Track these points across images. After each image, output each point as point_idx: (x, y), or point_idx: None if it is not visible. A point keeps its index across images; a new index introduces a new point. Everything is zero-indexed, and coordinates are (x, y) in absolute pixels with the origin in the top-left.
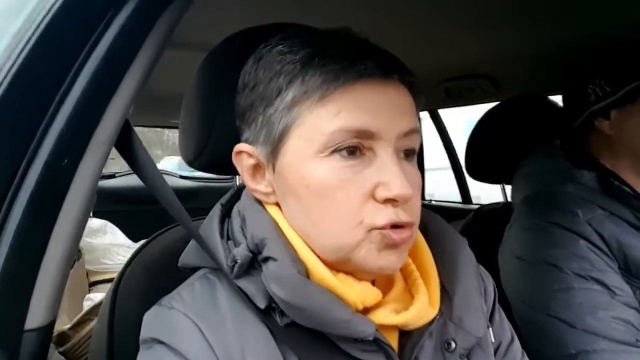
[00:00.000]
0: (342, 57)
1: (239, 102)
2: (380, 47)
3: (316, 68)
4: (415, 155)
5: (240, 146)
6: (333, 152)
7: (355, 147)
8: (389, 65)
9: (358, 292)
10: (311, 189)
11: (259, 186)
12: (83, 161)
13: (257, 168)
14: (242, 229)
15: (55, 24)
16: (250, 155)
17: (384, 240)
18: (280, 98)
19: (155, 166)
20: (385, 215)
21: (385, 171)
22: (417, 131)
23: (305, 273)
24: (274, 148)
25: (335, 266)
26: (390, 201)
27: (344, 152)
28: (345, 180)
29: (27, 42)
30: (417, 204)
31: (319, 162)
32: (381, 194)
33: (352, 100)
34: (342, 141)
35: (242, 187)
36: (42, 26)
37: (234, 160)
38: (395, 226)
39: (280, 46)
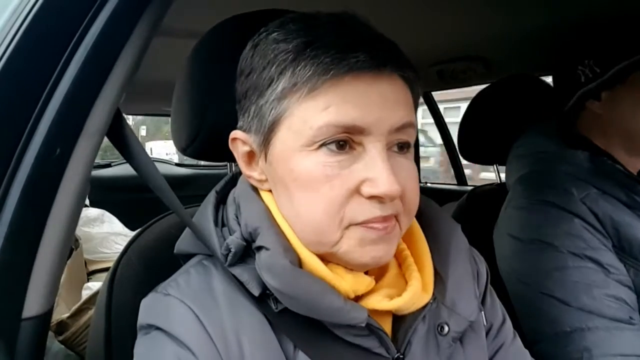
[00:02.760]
0: (335, 49)
1: (237, 87)
2: (379, 35)
3: (307, 59)
4: (410, 149)
5: (236, 133)
6: (320, 146)
7: (344, 141)
8: (382, 57)
9: (349, 282)
10: (298, 181)
11: (253, 173)
12: (75, 150)
13: (251, 155)
14: (237, 217)
15: (43, 13)
16: (244, 142)
17: (365, 236)
18: (271, 89)
19: (147, 154)
20: (368, 211)
21: (373, 167)
22: (411, 125)
23: (298, 262)
24: (265, 138)
25: (324, 257)
26: (375, 198)
27: (332, 146)
28: (330, 175)
29: (16, 32)
30: (413, 196)
31: (306, 156)
32: (367, 190)
33: (341, 94)
34: (330, 136)
35: (237, 174)
36: (31, 16)
37: (231, 146)
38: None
39: (276, 34)
